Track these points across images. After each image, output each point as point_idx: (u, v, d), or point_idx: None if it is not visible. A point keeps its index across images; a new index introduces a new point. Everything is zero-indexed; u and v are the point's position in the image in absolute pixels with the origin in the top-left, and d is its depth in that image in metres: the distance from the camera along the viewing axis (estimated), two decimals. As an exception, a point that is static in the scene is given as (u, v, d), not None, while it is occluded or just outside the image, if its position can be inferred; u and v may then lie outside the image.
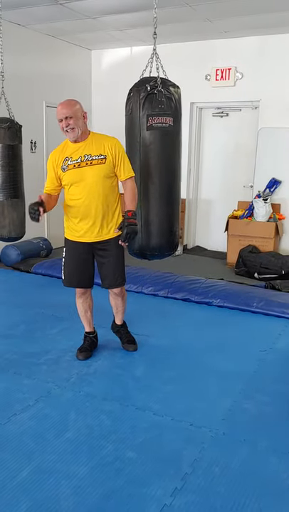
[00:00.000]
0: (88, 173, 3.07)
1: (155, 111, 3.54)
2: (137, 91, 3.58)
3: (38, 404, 2.84)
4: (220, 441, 2.54)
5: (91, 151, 3.07)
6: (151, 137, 3.59)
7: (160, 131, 3.59)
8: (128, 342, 3.58)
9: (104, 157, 3.07)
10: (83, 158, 3.06)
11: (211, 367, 3.36)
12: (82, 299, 3.41)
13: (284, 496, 2.15)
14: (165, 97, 3.57)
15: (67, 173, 3.09)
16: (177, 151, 3.78)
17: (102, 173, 3.07)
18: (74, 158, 3.08)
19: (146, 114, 3.54)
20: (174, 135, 3.70)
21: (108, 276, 3.28)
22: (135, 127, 3.60)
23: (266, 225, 6.11)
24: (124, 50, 7.12)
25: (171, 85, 3.70)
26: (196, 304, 4.63)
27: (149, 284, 4.91)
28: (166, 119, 3.59)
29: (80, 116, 3.05)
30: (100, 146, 3.08)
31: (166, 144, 3.64)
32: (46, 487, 2.17)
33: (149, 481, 2.23)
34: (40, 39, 6.45)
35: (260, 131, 6.39)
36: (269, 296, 4.59)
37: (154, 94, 3.55)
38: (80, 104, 3.12)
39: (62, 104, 3.05)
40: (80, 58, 7.27)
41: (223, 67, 6.46)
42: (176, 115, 3.68)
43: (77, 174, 3.07)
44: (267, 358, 3.53)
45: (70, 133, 3.04)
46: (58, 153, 3.14)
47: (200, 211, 7.35)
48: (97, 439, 2.52)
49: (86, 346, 3.49)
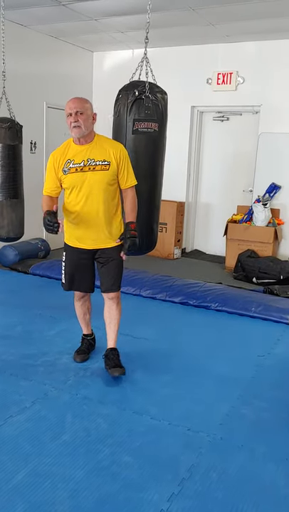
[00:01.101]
0: (90, 178, 2.96)
1: (141, 116, 3.64)
2: (126, 94, 3.69)
3: (35, 406, 2.82)
4: (217, 446, 2.52)
5: (95, 155, 2.96)
6: (136, 141, 3.71)
7: (145, 136, 3.71)
8: (114, 366, 3.15)
9: (108, 163, 2.96)
10: (86, 163, 2.96)
11: (208, 371, 3.35)
12: (81, 302, 3.35)
13: (281, 503, 2.14)
14: (152, 103, 3.67)
15: (69, 177, 2.98)
16: (161, 155, 3.92)
17: (104, 180, 2.97)
18: (76, 162, 2.97)
19: (132, 118, 3.64)
20: (159, 140, 3.85)
21: (106, 280, 3.18)
22: (122, 130, 3.73)
23: (265, 229, 6.10)
24: (126, 53, 7.12)
25: (158, 91, 3.81)
26: (194, 307, 4.62)
27: (147, 287, 4.90)
28: (152, 124, 3.70)
29: (89, 114, 2.95)
30: (104, 151, 2.98)
31: (150, 149, 3.79)
32: (42, 490, 2.15)
33: (146, 485, 2.21)
34: (42, 40, 6.44)
35: (261, 136, 6.40)
36: (267, 301, 4.58)
37: (141, 100, 3.64)
38: (91, 103, 3.03)
39: (74, 99, 2.96)
40: (81, 60, 7.27)
41: (225, 72, 6.47)
42: (162, 121, 3.80)
43: (78, 179, 2.97)
44: (265, 364, 3.52)
45: (76, 129, 2.92)
46: (60, 154, 3.03)
47: (199, 215, 7.35)
48: (93, 443, 2.50)
49: (84, 348, 3.45)
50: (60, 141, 3.18)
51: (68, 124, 2.94)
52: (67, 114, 2.94)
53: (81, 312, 3.40)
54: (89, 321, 3.46)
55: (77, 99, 2.97)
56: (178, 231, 6.87)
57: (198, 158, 7.15)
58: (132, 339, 3.79)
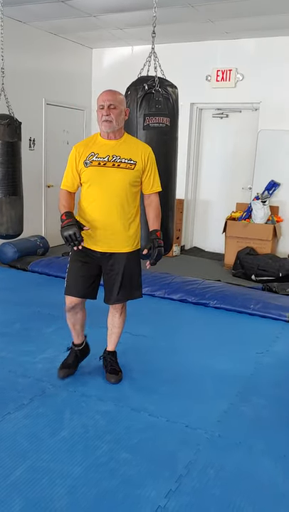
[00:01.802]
0: (113, 174, 2.77)
1: (152, 110, 3.51)
2: (135, 90, 3.56)
3: (33, 403, 2.82)
4: (215, 443, 2.52)
5: (121, 152, 2.79)
6: (147, 137, 3.56)
7: (157, 131, 3.57)
8: (111, 372, 3.11)
9: (134, 163, 2.78)
10: (111, 158, 2.77)
11: (207, 369, 3.35)
12: (70, 314, 3.04)
13: (279, 500, 2.14)
14: (162, 97, 3.54)
15: (89, 170, 2.78)
16: (173, 151, 3.77)
17: (127, 179, 2.78)
18: (101, 156, 2.78)
19: (143, 113, 3.52)
20: (171, 135, 3.69)
21: (113, 291, 2.97)
22: (132, 126, 3.58)
23: (264, 227, 6.10)
24: (125, 49, 7.10)
25: (168, 85, 3.68)
26: (193, 305, 4.62)
27: (146, 285, 4.86)
28: (163, 119, 3.56)
29: (122, 109, 2.78)
30: (132, 150, 2.81)
31: (162, 144, 3.62)
32: (40, 486, 2.15)
33: (144, 482, 2.21)
34: (41, 36, 6.43)
35: (260, 133, 6.39)
36: (266, 298, 4.58)
37: (151, 94, 3.53)
38: (124, 98, 2.87)
39: (108, 92, 2.79)
40: (80, 57, 7.25)
41: (224, 68, 6.46)
42: (173, 115, 3.67)
43: (99, 173, 2.77)
44: (264, 361, 3.52)
45: (107, 124, 2.74)
46: (84, 147, 2.84)
47: (198, 212, 7.34)
48: (91, 439, 2.50)
49: (70, 362, 3.13)
50: (60, 138, 3.16)
51: (99, 117, 2.77)
52: (100, 107, 2.76)
53: (71, 323, 3.10)
54: (80, 330, 3.14)
55: (111, 91, 2.80)
56: (177, 228, 6.86)
57: (197, 155, 7.14)
58: (130, 336, 3.79)
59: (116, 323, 3.14)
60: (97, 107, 2.79)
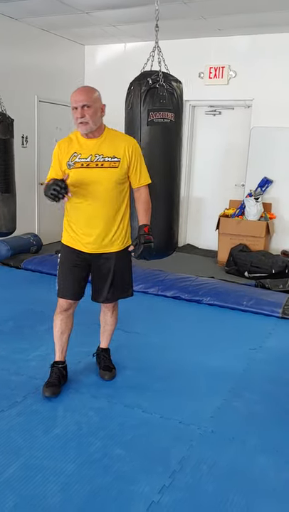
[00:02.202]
0: (97, 175, 2.67)
1: (156, 105, 3.41)
2: (138, 85, 3.45)
3: (27, 400, 2.82)
4: (208, 439, 2.54)
5: (104, 150, 2.68)
6: (151, 133, 3.45)
7: (161, 127, 3.47)
8: (105, 369, 3.12)
9: (118, 160, 2.69)
10: (94, 158, 2.67)
11: (200, 365, 3.36)
12: (63, 316, 2.94)
13: (271, 495, 2.16)
14: (167, 92, 3.45)
15: (73, 172, 2.68)
16: (178, 147, 3.66)
17: (113, 178, 2.69)
18: (83, 156, 2.68)
19: (147, 108, 3.40)
20: (176, 131, 3.58)
21: (103, 290, 2.92)
22: (135, 122, 3.48)
23: (257, 224, 6.12)
24: (118, 46, 7.09)
25: (173, 80, 3.59)
26: (186, 301, 4.63)
27: (139, 282, 4.90)
28: (168, 114, 3.45)
29: (98, 107, 2.65)
30: (115, 147, 2.70)
31: (167, 140, 3.51)
32: (34, 484, 2.15)
33: (137, 478, 2.22)
34: (34, 33, 6.40)
35: (253, 130, 6.40)
36: (259, 294, 4.60)
37: (155, 89, 3.43)
38: (99, 93, 2.72)
39: (80, 91, 2.65)
40: (73, 53, 7.23)
41: (217, 65, 6.46)
42: (178, 111, 3.56)
43: (84, 175, 2.68)
44: (256, 357, 3.54)
45: (83, 126, 2.63)
46: (66, 144, 2.74)
47: (191, 209, 7.35)
48: (85, 436, 2.51)
49: (54, 381, 2.92)
50: (52, 135, 3.13)
51: (74, 118, 2.65)
52: (73, 108, 2.64)
53: (59, 330, 2.96)
54: (66, 343, 3.00)
55: (83, 90, 2.66)
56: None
57: (190, 152, 7.14)
58: (123, 333, 3.80)
59: (108, 321, 3.13)
60: (71, 108, 2.66)
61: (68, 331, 2.98)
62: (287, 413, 2.81)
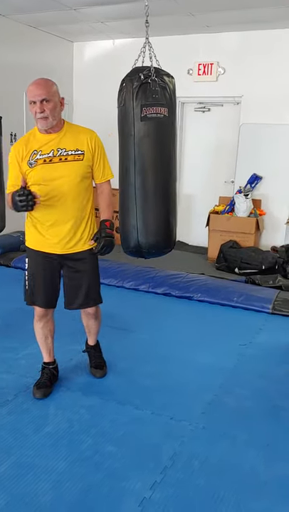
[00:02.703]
0: (62, 170, 2.57)
1: (149, 101, 3.41)
2: (130, 81, 3.44)
3: (17, 399, 2.81)
4: (199, 434, 2.55)
5: (66, 144, 2.58)
6: (145, 128, 3.44)
7: (155, 122, 3.47)
8: (96, 366, 3.10)
9: (82, 153, 2.60)
10: (56, 153, 2.56)
11: (191, 361, 3.37)
12: (43, 323, 2.85)
13: (262, 489, 2.18)
14: (159, 87, 3.45)
15: (36, 170, 2.55)
16: (172, 142, 3.65)
17: (79, 172, 2.60)
18: (44, 152, 2.56)
19: (140, 104, 3.39)
20: (169, 126, 3.57)
21: (77, 295, 2.80)
22: (128, 118, 3.46)
23: (247, 220, 6.14)
24: (107, 43, 7.06)
25: (165, 74, 3.59)
26: (177, 298, 4.63)
27: (130, 279, 4.90)
28: (161, 109, 3.44)
29: (57, 101, 2.55)
30: (76, 140, 2.61)
31: (161, 136, 3.50)
32: (25, 482, 2.15)
33: (129, 474, 2.23)
34: (21, 30, 6.35)
35: (242, 127, 6.42)
36: (249, 290, 4.62)
37: (147, 84, 3.43)
38: (57, 86, 2.61)
39: (38, 84, 2.52)
40: (61, 50, 7.19)
41: (206, 62, 6.46)
42: (171, 105, 3.56)
43: (48, 171, 2.56)
44: (247, 353, 3.56)
45: (43, 121, 2.53)
46: (23, 146, 2.60)
47: (181, 206, 7.33)
48: (76, 434, 2.51)
49: (45, 381, 2.90)
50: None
51: (32, 113, 2.53)
52: (31, 102, 2.52)
53: (42, 335, 2.89)
54: (51, 345, 2.95)
55: (42, 83, 2.54)
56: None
57: (179, 149, 7.13)
58: (114, 330, 3.80)
59: (92, 326, 3.04)
60: (28, 102, 2.54)
61: (51, 334, 2.92)
62: (277, 408, 2.83)
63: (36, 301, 2.78)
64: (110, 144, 3.44)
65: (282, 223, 6.35)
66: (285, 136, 6.18)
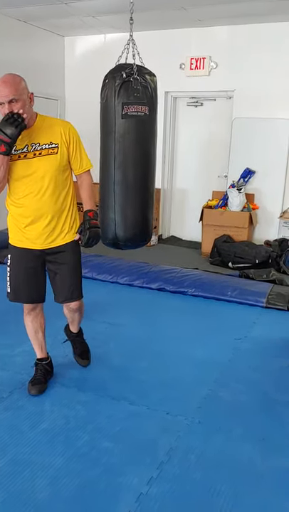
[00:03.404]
0: (37, 165, 2.54)
1: (130, 99, 3.49)
2: (113, 78, 3.53)
3: (13, 396, 2.81)
4: (195, 429, 2.55)
5: (39, 138, 2.54)
6: (126, 126, 3.54)
7: (135, 120, 3.57)
8: (81, 355, 3.14)
9: (55, 146, 2.56)
10: (30, 148, 2.53)
11: (186, 356, 3.38)
12: (32, 317, 2.85)
13: (258, 482, 2.19)
14: (141, 85, 3.52)
15: (13, 166, 2.53)
16: (152, 140, 3.76)
17: (53, 166, 2.57)
18: (19, 148, 2.51)
19: (121, 102, 3.49)
20: (150, 124, 3.68)
21: (63, 288, 2.78)
22: (110, 115, 3.55)
23: (240, 214, 6.15)
24: (98, 37, 7.02)
25: (147, 73, 3.66)
26: (171, 293, 4.64)
27: (124, 274, 4.90)
28: (142, 107, 3.54)
29: (26, 99, 2.46)
30: (50, 133, 2.57)
31: (141, 133, 3.60)
32: (22, 479, 2.15)
33: (126, 470, 2.23)
34: (11, 24, 6.29)
35: (235, 121, 6.42)
36: (243, 285, 4.63)
37: (129, 82, 3.51)
38: (25, 81, 2.52)
39: (5, 82, 2.43)
40: (52, 45, 7.13)
41: (198, 57, 6.44)
42: (152, 104, 3.66)
43: (23, 167, 2.53)
44: (241, 347, 3.57)
45: None
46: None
47: (175, 201, 7.35)
48: (73, 430, 2.51)
49: (39, 377, 2.89)
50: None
51: (2, 114, 2.45)
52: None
53: (32, 329, 2.89)
54: (43, 340, 2.94)
55: (8, 81, 2.44)
56: (154, 218, 6.86)
57: (172, 144, 7.13)
58: (109, 326, 3.80)
59: (76, 317, 3.04)
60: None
61: (41, 328, 2.92)
62: (272, 402, 2.85)
63: (19, 297, 2.77)
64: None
65: (276, 217, 6.37)
66: (278, 130, 6.18)
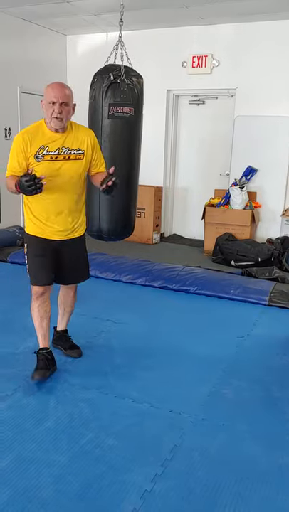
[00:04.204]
0: (64, 168, 2.80)
1: (117, 100, 3.58)
2: (101, 78, 3.62)
3: (17, 393, 2.82)
4: (199, 426, 2.56)
5: (69, 143, 2.81)
6: (112, 126, 3.65)
7: (121, 120, 3.66)
8: (71, 348, 3.29)
9: (82, 152, 2.84)
10: (61, 151, 2.78)
11: (189, 354, 3.39)
12: (40, 302, 2.98)
13: (262, 479, 2.20)
14: (128, 87, 3.61)
15: (42, 165, 2.75)
16: (137, 140, 3.88)
17: (79, 170, 2.85)
18: (51, 149, 2.76)
19: (108, 102, 3.59)
20: (135, 125, 3.79)
21: (76, 271, 3.11)
22: (97, 115, 3.67)
23: (242, 212, 6.15)
24: (100, 36, 7.02)
25: (134, 75, 3.75)
26: (174, 291, 4.65)
27: (127, 273, 4.91)
28: (128, 108, 3.64)
29: (72, 106, 2.78)
30: (79, 140, 2.84)
31: (126, 133, 3.73)
32: (27, 476, 2.16)
33: (130, 467, 2.24)
34: (14, 23, 6.30)
35: (237, 119, 6.41)
36: (246, 283, 4.64)
37: (116, 84, 3.58)
38: (72, 92, 2.83)
39: (59, 87, 2.73)
40: (55, 43, 7.14)
41: (200, 55, 6.44)
42: (138, 105, 3.76)
43: (52, 168, 2.77)
44: (244, 344, 3.58)
45: (58, 121, 2.72)
46: (32, 136, 2.77)
47: (177, 199, 7.35)
48: (77, 428, 2.52)
49: (42, 365, 3.00)
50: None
51: (49, 112, 2.71)
52: (50, 102, 2.70)
53: (38, 316, 3.01)
54: (47, 329, 3.05)
55: (63, 86, 2.75)
56: (156, 216, 6.88)
57: (174, 142, 7.13)
58: (112, 324, 3.81)
59: (69, 302, 3.25)
60: (46, 100, 2.72)
61: (47, 316, 3.04)
62: (275, 399, 2.86)
63: (39, 281, 2.98)
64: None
65: (278, 215, 6.37)
66: (280, 128, 6.18)
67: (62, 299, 3.25)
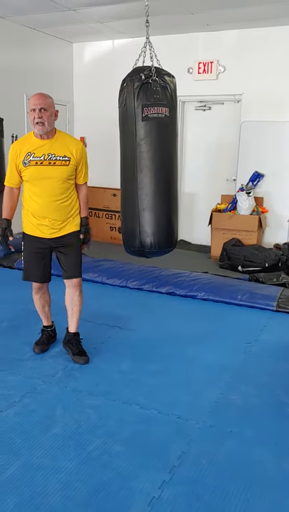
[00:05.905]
0: (49, 172, 3.04)
1: (150, 101, 3.38)
2: (131, 81, 3.41)
3: (24, 400, 2.82)
4: (207, 433, 2.55)
5: (55, 150, 3.04)
6: (146, 128, 3.41)
7: (156, 122, 3.43)
8: (78, 354, 3.32)
9: (68, 159, 3.06)
10: (46, 157, 3.03)
11: (196, 360, 3.37)
12: (39, 295, 3.39)
13: (270, 486, 2.18)
14: (160, 87, 3.42)
15: (29, 169, 3.05)
16: (174, 142, 3.61)
17: (64, 175, 3.07)
18: (37, 155, 3.03)
19: (141, 104, 3.37)
20: (171, 126, 3.54)
21: (68, 267, 3.27)
22: (129, 118, 3.42)
23: (249, 218, 6.14)
24: (106, 43, 7.07)
25: (166, 74, 3.57)
26: (181, 297, 4.64)
27: (134, 278, 4.91)
28: (162, 109, 3.41)
29: (52, 112, 3.02)
30: (65, 148, 3.07)
31: (162, 135, 3.47)
32: (34, 483, 2.16)
33: (137, 474, 2.23)
34: (21, 31, 6.36)
35: (243, 125, 6.42)
36: (253, 288, 4.62)
37: (148, 84, 3.41)
38: (53, 100, 3.09)
39: (38, 95, 3.01)
40: (61, 51, 7.20)
41: (206, 61, 6.46)
42: (172, 105, 3.53)
43: (38, 172, 3.04)
44: (252, 350, 3.56)
45: (40, 126, 2.98)
46: (20, 145, 3.09)
47: (183, 205, 7.34)
48: (84, 434, 2.51)
49: (43, 340, 3.49)
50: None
51: (31, 119, 2.99)
52: (31, 109, 2.98)
53: (40, 305, 3.43)
54: (49, 312, 3.50)
55: (41, 95, 3.01)
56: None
57: (181, 148, 7.13)
58: (119, 330, 3.81)
59: (76, 301, 3.33)
60: (28, 109, 3.03)
61: (48, 303, 3.45)
62: (283, 405, 2.84)
63: (31, 277, 3.31)
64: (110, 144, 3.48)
65: (285, 220, 6.36)
66: (286, 133, 6.18)
67: (68, 299, 3.35)
